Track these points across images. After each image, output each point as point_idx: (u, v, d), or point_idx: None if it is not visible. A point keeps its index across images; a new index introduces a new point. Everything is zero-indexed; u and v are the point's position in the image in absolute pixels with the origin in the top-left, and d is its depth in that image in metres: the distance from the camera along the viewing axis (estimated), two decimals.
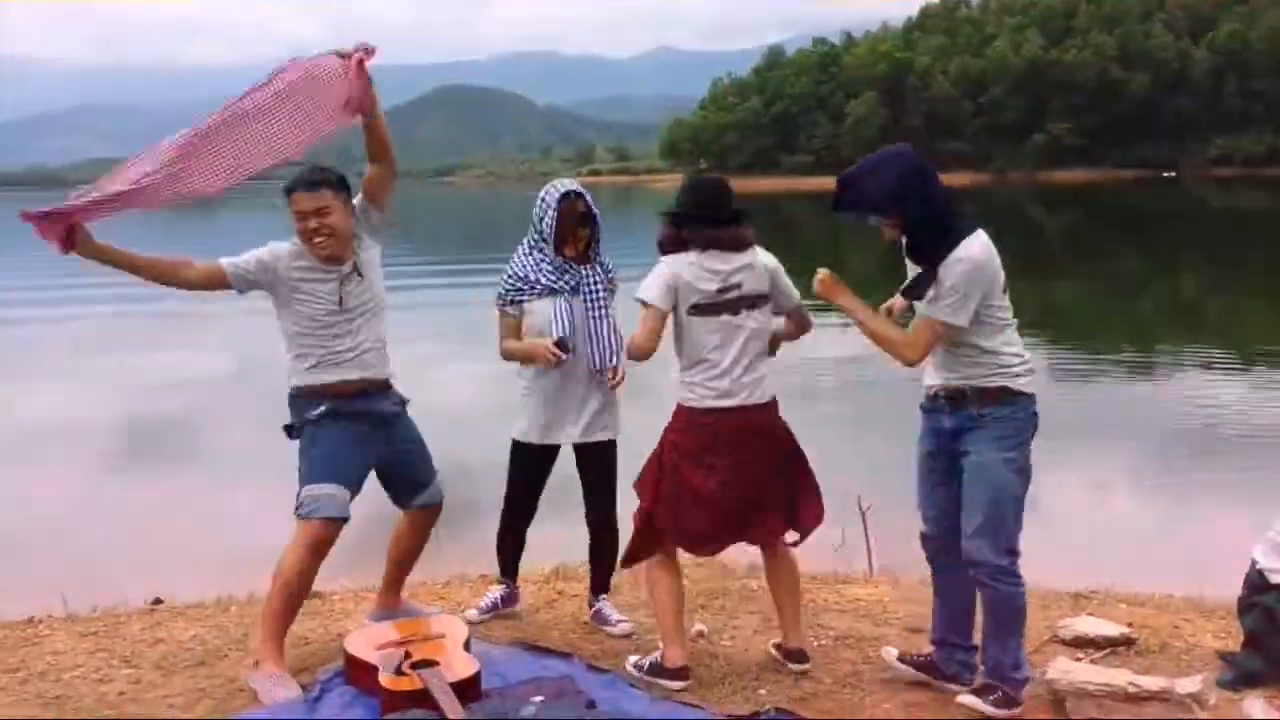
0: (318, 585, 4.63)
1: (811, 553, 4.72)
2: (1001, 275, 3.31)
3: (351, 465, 3.66)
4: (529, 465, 4.07)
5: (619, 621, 4.12)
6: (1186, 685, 3.37)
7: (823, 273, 3.45)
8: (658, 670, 3.63)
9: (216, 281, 3.65)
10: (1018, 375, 3.33)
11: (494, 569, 4.37)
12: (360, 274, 3.72)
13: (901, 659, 3.66)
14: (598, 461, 4.07)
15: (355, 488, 3.67)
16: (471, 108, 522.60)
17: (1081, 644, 4.00)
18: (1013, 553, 3.33)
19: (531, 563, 4.97)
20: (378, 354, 3.75)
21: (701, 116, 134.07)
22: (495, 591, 4.27)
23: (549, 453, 4.08)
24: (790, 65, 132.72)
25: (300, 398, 3.68)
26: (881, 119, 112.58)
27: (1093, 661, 3.78)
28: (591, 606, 4.22)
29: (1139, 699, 3.35)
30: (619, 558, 3.94)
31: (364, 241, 3.74)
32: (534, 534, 4.32)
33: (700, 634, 4.08)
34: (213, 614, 4.48)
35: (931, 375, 3.44)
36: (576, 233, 3.99)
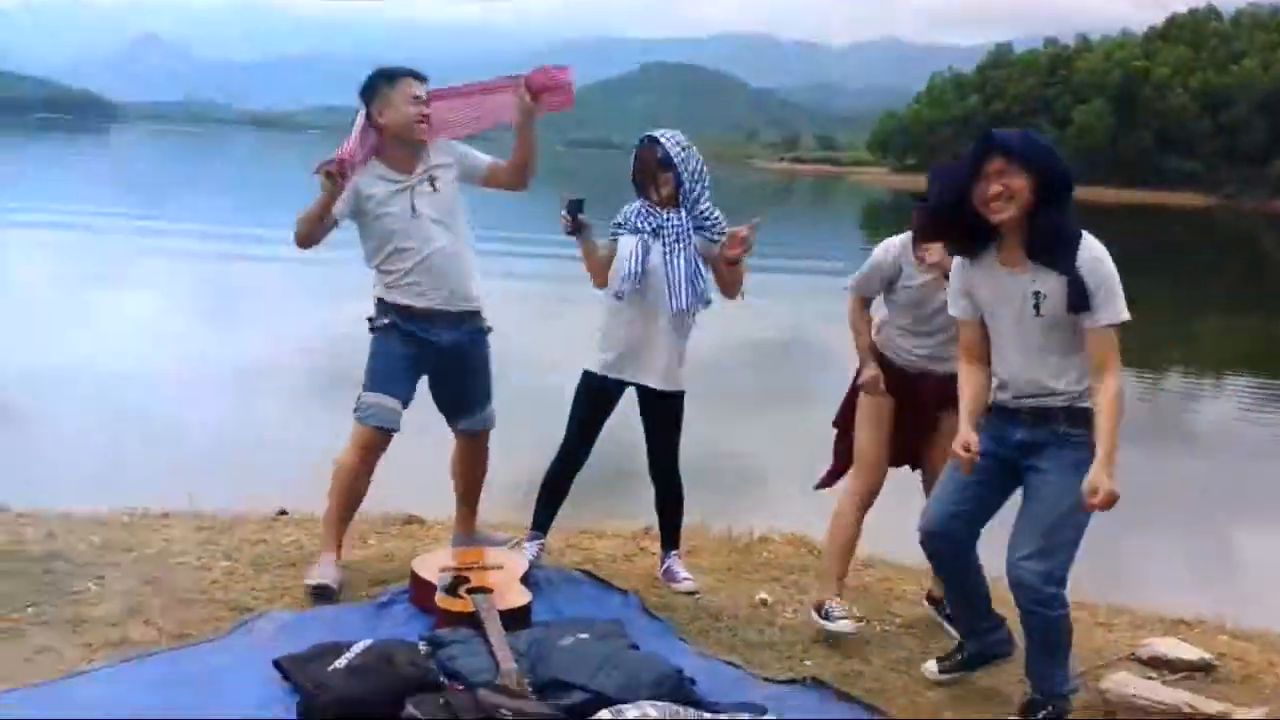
0: (418, 510, 4.95)
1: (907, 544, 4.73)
2: None
3: (404, 381, 3.95)
4: (593, 398, 4.10)
5: (685, 579, 4.18)
6: (1247, 712, 3.22)
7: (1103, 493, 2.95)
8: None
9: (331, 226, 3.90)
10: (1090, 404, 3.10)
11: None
12: (434, 187, 3.95)
13: (943, 669, 3.54)
14: (664, 412, 4.10)
15: (406, 401, 3.96)
16: (683, 85, 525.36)
17: (1157, 664, 3.80)
18: (1062, 582, 3.12)
19: (621, 518, 5.13)
20: (454, 280, 3.94)
21: (915, 111, 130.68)
22: (530, 548, 4.18)
23: (614, 389, 4.09)
24: (1016, 65, 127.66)
25: (379, 303, 3.98)
26: (1109, 128, 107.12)
27: (1163, 683, 3.62)
28: (662, 563, 4.30)
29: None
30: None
31: (451, 170, 3.99)
32: (627, 491, 4.37)
33: (763, 602, 4.12)
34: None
35: (1015, 384, 3.20)
36: (656, 178, 4.03)
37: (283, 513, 5.06)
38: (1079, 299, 3.01)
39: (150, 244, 20.06)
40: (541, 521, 4.24)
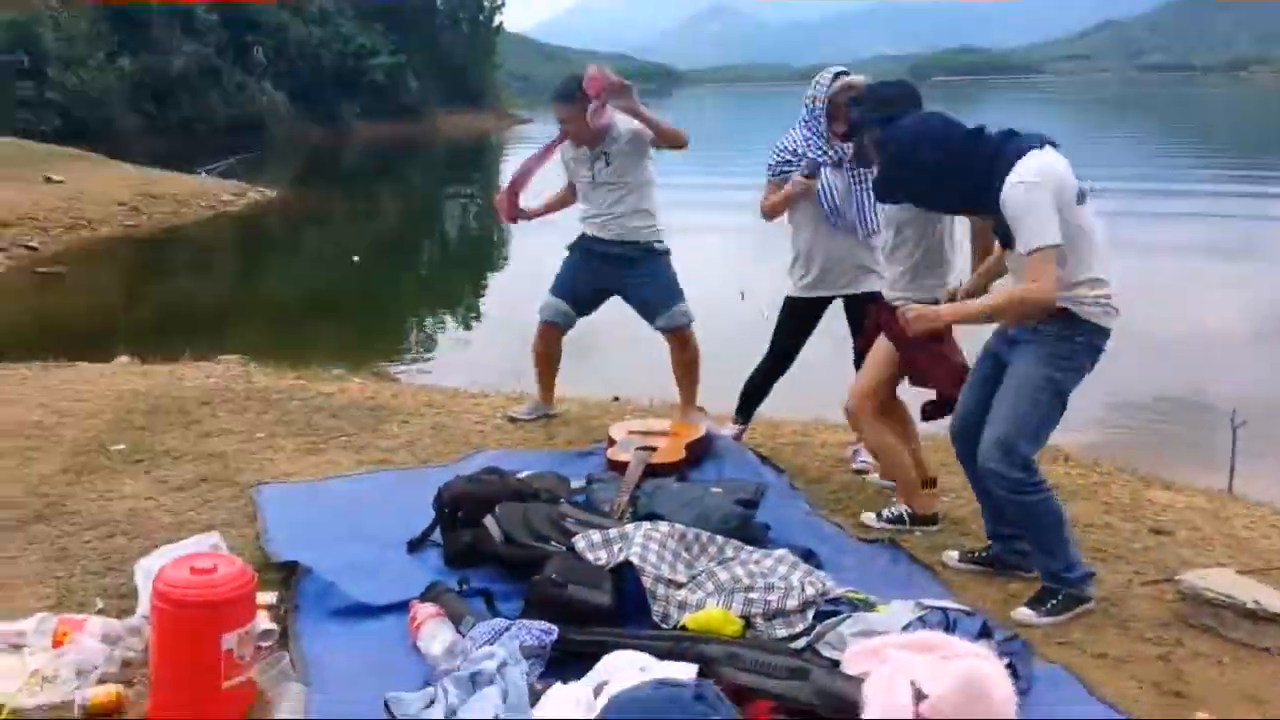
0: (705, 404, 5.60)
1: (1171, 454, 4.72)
2: (1071, 191, 3.09)
3: (578, 286, 5.04)
4: (795, 319, 4.62)
5: (861, 461, 4.58)
6: None
7: (913, 312, 3.36)
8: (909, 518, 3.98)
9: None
10: (1084, 304, 3.12)
11: None
12: (607, 161, 4.83)
13: (962, 559, 3.63)
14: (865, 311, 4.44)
15: (580, 304, 5.05)
16: None
17: None
18: (1028, 468, 3.20)
19: None
20: (624, 221, 4.90)
21: None
22: (731, 429, 4.85)
23: (815, 307, 4.56)
24: None
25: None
26: None
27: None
28: (852, 447, 4.70)
29: (1257, 617, 3.10)
30: None
31: (620, 145, 4.83)
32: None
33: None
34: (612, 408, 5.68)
35: (1009, 281, 3.35)
36: (845, 110, 4.30)
37: (616, 399, 6.05)
38: (1005, 237, 3.11)
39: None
40: (743, 412, 4.88)
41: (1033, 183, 3.05)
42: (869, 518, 3.98)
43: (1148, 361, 7.62)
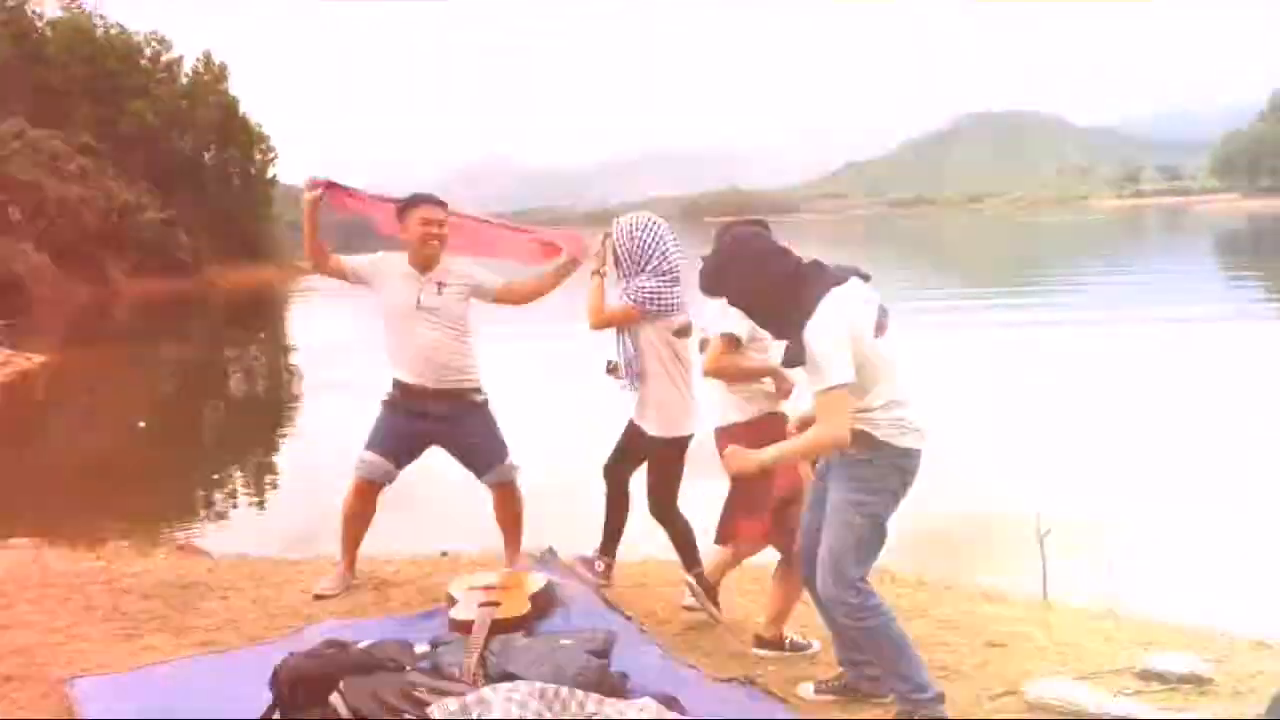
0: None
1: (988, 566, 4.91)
2: (867, 327, 3.26)
3: (398, 444, 4.79)
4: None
5: (690, 600, 4.58)
6: (1144, 711, 3.23)
7: (730, 451, 3.44)
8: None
9: (339, 272, 4.85)
10: (879, 426, 3.29)
11: None
12: (439, 292, 4.72)
13: (818, 690, 3.72)
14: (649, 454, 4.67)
15: (401, 460, 4.81)
16: (1004, 133, 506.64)
17: (1148, 677, 3.78)
18: (859, 591, 3.32)
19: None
20: (443, 365, 4.72)
21: (1262, 128, 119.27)
22: (598, 566, 4.82)
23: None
24: None
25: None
26: None
27: (1132, 695, 3.61)
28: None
29: None
30: None
31: (459, 288, 4.78)
32: None
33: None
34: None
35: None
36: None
37: (444, 554, 5.86)
38: (791, 353, 3.31)
39: None
40: (607, 547, 4.86)
41: (828, 326, 3.18)
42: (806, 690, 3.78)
43: (950, 480, 8.02)
